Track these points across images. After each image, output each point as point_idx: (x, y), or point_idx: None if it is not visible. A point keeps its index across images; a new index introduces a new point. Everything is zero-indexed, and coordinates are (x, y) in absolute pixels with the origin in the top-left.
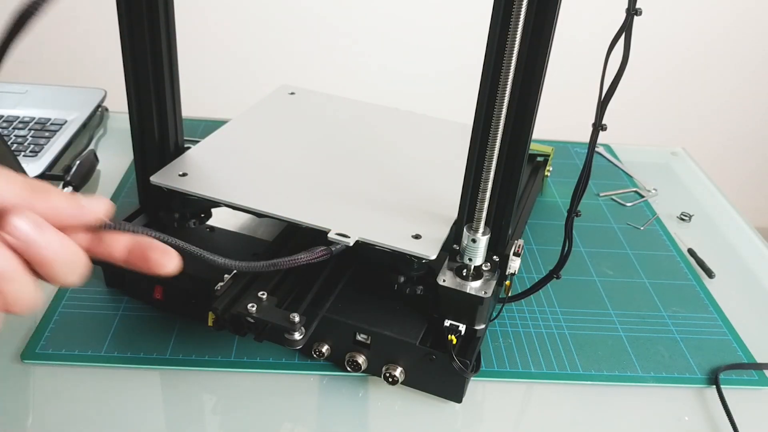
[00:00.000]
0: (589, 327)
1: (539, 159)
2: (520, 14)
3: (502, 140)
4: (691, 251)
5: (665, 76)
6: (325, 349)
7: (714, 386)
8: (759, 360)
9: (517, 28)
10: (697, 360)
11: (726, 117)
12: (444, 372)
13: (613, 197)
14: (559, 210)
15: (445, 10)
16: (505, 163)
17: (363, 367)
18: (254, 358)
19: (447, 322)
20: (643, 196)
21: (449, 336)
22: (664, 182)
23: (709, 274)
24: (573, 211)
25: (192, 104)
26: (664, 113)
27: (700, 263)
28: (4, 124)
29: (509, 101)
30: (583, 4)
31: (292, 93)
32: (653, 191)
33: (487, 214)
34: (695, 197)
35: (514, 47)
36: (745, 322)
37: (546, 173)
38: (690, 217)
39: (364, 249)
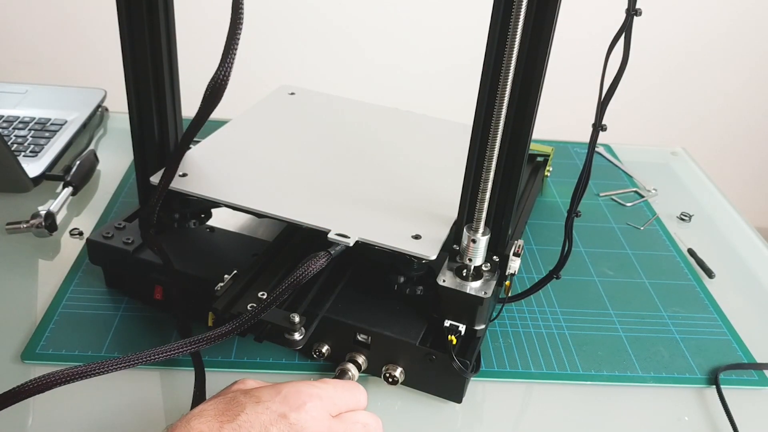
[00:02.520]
0: (589, 327)
1: (539, 159)
2: (519, 13)
3: (501, 140)
4: (691, 251)
5: (665, 76)
6: (325, 349)
7: (714, 386)
8: (759, 360)
9: (517, 27)
10: (697, 360)
11: (726, 117)
12: (444, 372)
13: (613, 197)
14: (559, 210)
15: (445, 10)
16: (504, 163)
17: (363, 367)
18: (254, 358)
19: (447, 323)
20: (643, 196)
21: (449, 336)
22: (664, 182)
23: (709, 274)
24: (573, 211)
25: (192, 104)
26: (664, 113)
27: (700, 263)
28: (4, 124)
29: (509, 101)
30: (582, 5)
31: (292, 93)
32: (653, 191)
33: (486, 215)
34: (695, 197)
35: (513, 47)
36: (745, 322)
37: (546, 173)
38: (690, 217)
39: (364, 249)
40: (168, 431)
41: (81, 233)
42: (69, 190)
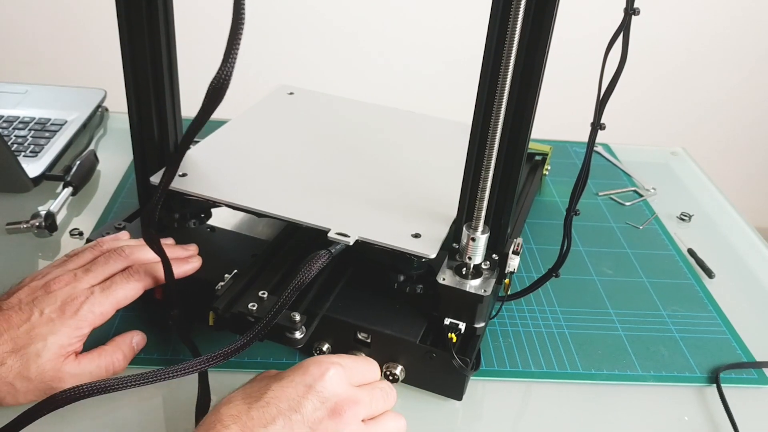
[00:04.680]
0: (589, 326)
1: (537, 158)
2: (519, 12)
3: (501, 138)
4: (691, 251)
5: (665, 75)
6: (325, 348)
7: (714, 385)
8: (758, 359)
9: (516, 26)
10: (697, 359)
11: (726, 116)
12: (444, 370)
13: (612, 196)
14: (559, 209)
15: (444, 9)
16: (504, 161)
17: None
18: (255, 358)
19: (447, 321)
20: (641, 196)
21: (449, 334)
22: (663, 182)
23: (709, 274)
24: (572, 210)
25: (192, 104)
26: (664, 113)
27: (700, 263)
28: (4, 124)
29: (508, 99)
30: (580, 4)
31: (291, 93)
32: (652, 190)
33: (486, 213)
34: (695, 197)
35: (512, 46)
36: (745, 321)
37: (544, 172)
38: (690, 217)
39: (364, 248)
40: (197, 428)
41: (81, 233)
42: (69, 190)
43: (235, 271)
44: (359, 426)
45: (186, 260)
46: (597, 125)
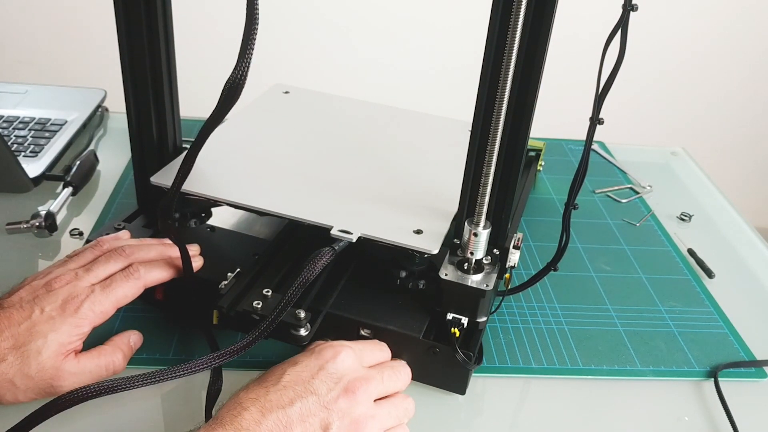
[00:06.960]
0: (588, 322)
1: (531, 154)
2: (519, 12)
3: (501, 136)
4: (691, 251)
5: (665, 75)
6: None
7: (712, 379)
8: (757, 355)
9: (516, 26)
10: (695, 353)
11: (726, 116)
12: (448, 364)
13: (609, 194)
14: (555, 206)
15: (441, 9)
16: (504, 158)
17: None
18: (257, 357)
19: (449, 316)
20: (638, 193)
21: (452, 329)
22: (663, 182)
23: (709, 274)
24: (571, 204)
25: (190, 104)
26: (664, 113)
27: (700, 263)
28: (4, 124)
29: (509, 97)
30: (574, 4)
31: (287, 92)
32: (648, 188)
33: (487, 209)
34: (695, 197)
35: (513, 45)
36: (745, 320)
37: (539, 167)
38: (690, 217)
39: (366, 245)
40: (219, 412)
41: (81, 233)
42: (69, 190)
43: (238, 269)
44: (370, 405)
45: None
46: (596, 120)
